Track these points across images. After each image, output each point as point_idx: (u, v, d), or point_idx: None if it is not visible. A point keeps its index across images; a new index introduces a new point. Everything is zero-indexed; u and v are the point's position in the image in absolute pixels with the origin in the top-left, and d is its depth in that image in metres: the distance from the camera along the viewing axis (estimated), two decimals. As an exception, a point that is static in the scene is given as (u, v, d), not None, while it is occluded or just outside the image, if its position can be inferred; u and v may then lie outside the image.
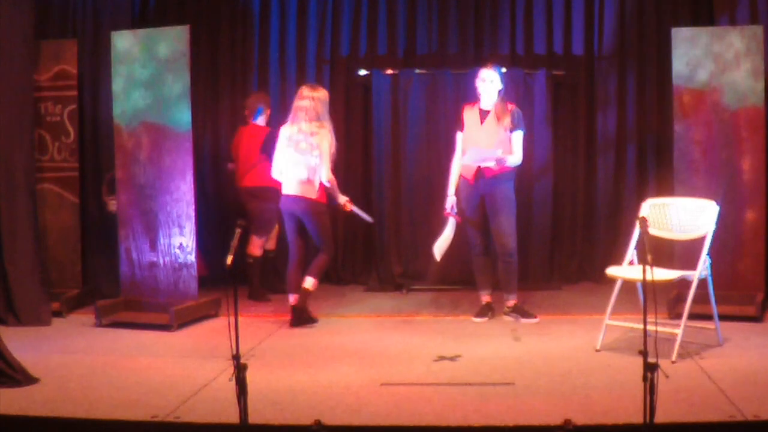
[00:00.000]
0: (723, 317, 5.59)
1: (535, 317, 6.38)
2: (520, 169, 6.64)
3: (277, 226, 7.44)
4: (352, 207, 6.59)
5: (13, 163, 6.55)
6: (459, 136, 6.48)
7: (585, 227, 7.98)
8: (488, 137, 6.31)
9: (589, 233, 7.96)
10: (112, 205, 7.05)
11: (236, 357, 3.80)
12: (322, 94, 6.43)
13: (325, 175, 6.30)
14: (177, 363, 5.36)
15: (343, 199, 6.53)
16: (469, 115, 6.44)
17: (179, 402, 4.48)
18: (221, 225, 7.58)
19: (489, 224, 6.43)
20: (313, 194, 6.32)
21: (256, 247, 7.38)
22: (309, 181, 6.31)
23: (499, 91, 6.35)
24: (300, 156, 6.32)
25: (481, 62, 7.84)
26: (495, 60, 6.93)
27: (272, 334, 6.13)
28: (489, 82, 6.33)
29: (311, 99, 6.35)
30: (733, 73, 6.39)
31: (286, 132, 6.41)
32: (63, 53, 7.19)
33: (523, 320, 6.35)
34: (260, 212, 7.27)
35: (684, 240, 5.67)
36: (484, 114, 6.38)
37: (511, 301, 6.44)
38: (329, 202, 6.49)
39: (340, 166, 7.73)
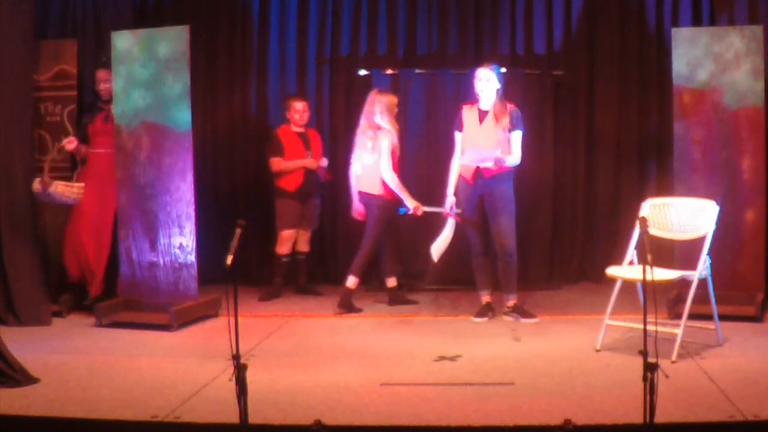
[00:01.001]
0: (723, 317, 5.59)
1: (535, 317, 6.38)
2: (520, 169, 6.64)
3: (308, 233, 7.59)
4: (425, 209, 6.85)
5: (13, 163, 6.55)
6: (458, 136, 6.49)
7: (585, 227, 7.98)
8: (487, 137, 6.32)
9: (589, 233, 7.97)
10: (58, 185, 6.71)
11: (236, 357, 3.80)
12: (386, 98, 6.92)
13: (384, 173, 6.77)
14: (177, 363, 5.36)
15: (412, 203, 6.82)
16: (468, 115, 6.45)
17: (179, 402, 4.48)
18: (226, 225, 7.59)
19: (489, 224, 6.43)
20: (374, 190, 6.86)
21: (304, 243, 7.61)
22: (367, 177, 6.89)
23: (498, 91, 6.36)
24: (360, 154, 6.94)
25: (481, 62, 7.86)
26: (493, 59, 6.94)
27: (272, 334, 6.13)
28: (486, 81, 6.34)
29: (372, 102, 6.89)
30: (733, 73, 6.38)
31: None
32: (63, 53, 7.19)
33: (523, 320, 6.35)
34: (276, 208, 7.49)
35: (684, 240, 5.67)
36: (482, 114, 6.39)
37: (511, 301, 6.44)
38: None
39: (340, 165, 7.75)
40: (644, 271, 3.92)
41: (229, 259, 3.96)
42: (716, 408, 4.18)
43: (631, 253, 5.56)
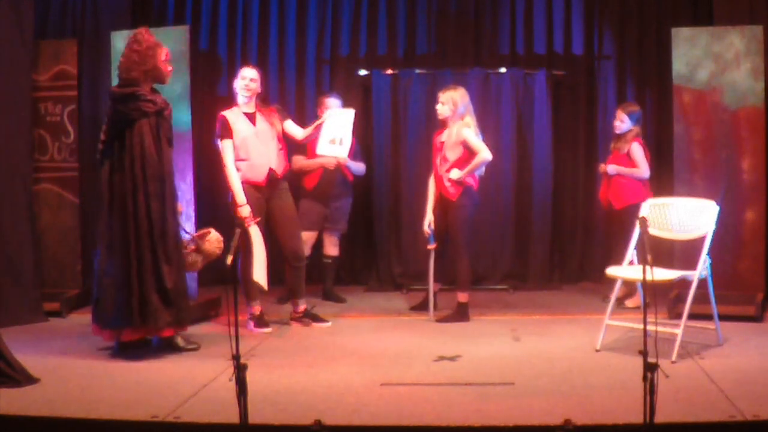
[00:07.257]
0: (723, 317, 5.59)
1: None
2: (520, 169, 6.63)
3: (333, 236, 7.40)
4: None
5: (13, 163, 6.55)
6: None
7: (585, 227, 7.98)
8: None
9: (589, 233, 7.97)
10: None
11: (236, 357, 3.80)
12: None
13: None
14: (177, 363, 5.36)
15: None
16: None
17: (179, 402, 4.48)
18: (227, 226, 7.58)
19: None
20: None
21: (330, 246, 7.40)
22: None
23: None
24: None
25: (481, 62, 7.88)
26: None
27: (272, 334, 6.13)
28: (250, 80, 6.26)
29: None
30: (733, 73, 6.39)
31: None
32: (63, 53, 7.19)
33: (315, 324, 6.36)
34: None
35: (684, 240, 5.67)
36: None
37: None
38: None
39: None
40: (644, 271, 3.92)
41: (229, 259, 3.96)
42: (716, 408, 4.18)
43: (631, 253, 5.56)
